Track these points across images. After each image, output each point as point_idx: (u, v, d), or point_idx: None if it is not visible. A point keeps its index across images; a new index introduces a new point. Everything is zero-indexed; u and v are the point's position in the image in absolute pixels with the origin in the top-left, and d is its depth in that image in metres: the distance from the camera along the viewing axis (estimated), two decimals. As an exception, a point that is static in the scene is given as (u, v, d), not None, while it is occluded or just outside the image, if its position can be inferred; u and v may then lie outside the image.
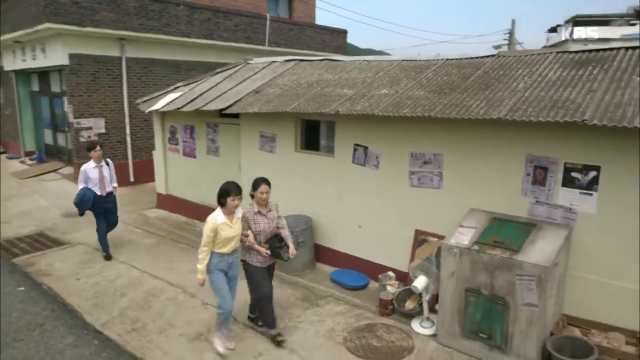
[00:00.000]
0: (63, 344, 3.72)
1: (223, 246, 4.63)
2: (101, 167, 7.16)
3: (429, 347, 4.98)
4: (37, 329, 4.45)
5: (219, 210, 4.64)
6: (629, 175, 4.35)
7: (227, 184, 4.69)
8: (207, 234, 4.54)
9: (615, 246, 4.50)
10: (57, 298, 5.85)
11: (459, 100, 5.16)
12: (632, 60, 4.95)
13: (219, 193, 4.63)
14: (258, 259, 4.92)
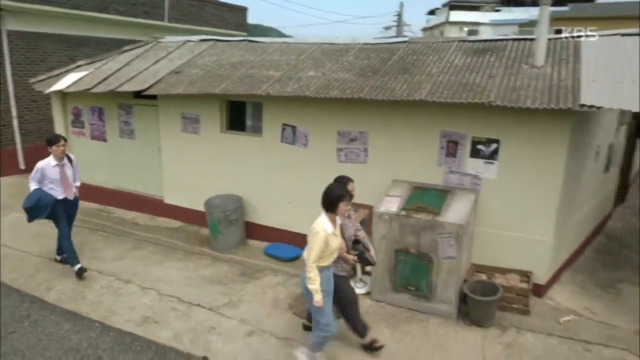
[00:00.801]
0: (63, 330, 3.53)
1: (328, 259, 3.98)
2: (63, 166, 6.09)
3: (364, 303, 5.59)
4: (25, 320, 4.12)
5: (325, 218, 3.98)
6: (521, 147, 5.31)
7: (338, 187, 4.08)
8: (320, 246, 3.85)
9: (511, 205, 5.48)
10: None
11: (382, 83, 5.74)
12: (519, 50, 5.93)
13: (329, 197, 3.97)
14: (343, 267, 4.41)
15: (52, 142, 6.01)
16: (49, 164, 6.01)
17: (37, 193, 5.93)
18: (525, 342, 4.78)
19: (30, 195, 5.95)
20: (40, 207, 5.92)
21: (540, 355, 4.58)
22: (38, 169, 5.98)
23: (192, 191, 7.71)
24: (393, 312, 5.38)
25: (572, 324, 5.12)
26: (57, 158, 6.03)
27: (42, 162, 6.02)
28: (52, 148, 5.99)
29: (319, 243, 3.84)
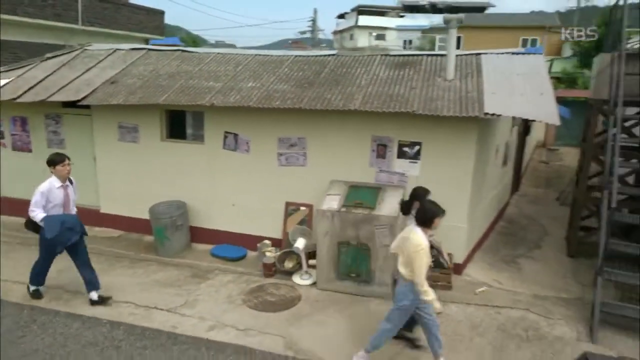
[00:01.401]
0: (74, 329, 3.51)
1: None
2: (67, 187, 5.56)
3: (312, 293, 6.23)
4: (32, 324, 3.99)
5: (421, 232, 4.19)
6: (439, 148, 6.25)
7: (433, 205, 4.36)
8: (426, 261, 4.09)
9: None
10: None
11: (319, 94, 6.39)
12: (433, 65, 6.90)
13: (427, 214, 4.23)
14: None
15: (57, 161, 5.45)
16: (53, 186, 5.42)
17: (55, 217, 5.40)
18: (449, 312, 5.70)
19: (48, 224, 5.32)
20: (69, 228, 5.43)
21: (462, 320, 5.53)
22: (43, 192, 5.36)
23: (133, 200, 7.80)
24: (339, 298, 6.06)
25: (485, 293, 6.18)
26: (62, 179, 5.48)
27: (44, 184, 5.41)
28: (55, 168, 5.43)
29: (425, 257, 4.09)
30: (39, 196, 5.34)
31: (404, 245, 4.31)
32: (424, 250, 4.09)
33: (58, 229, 5.30)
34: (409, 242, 4.20)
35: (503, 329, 5.40)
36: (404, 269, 4.31)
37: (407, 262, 4.26)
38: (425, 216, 4.23)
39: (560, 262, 7.40)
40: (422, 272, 4.08)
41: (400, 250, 4.43)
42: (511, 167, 9.97)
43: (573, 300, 6.07)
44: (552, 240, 8.39)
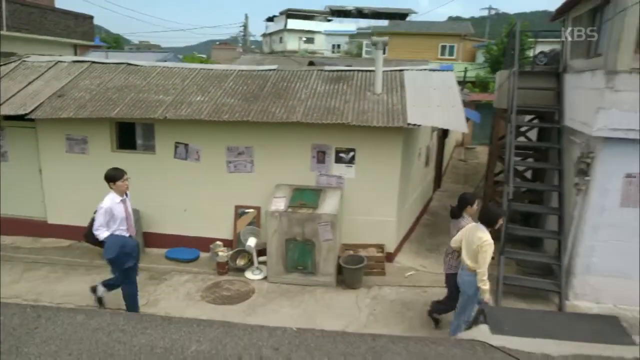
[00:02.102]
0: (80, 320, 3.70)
1: None
2: (125, 201, 5.56)
3: (263, 286, 6.94)
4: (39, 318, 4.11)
5: (486, 230, 4.88)
6: (371, 153, 7.21)
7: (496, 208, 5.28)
8: (491, 255, 4.76)
9: (366, 196, 7.35)
10: None
11: (264, 107, 7.11)
12: (364, 80, 7.85)
13: (493, 215, 4.93)
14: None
15: (117, 177, 5.46)
16: (114, 202, 5.42)
17: (117, 239, 5.39)
18: (384, 294, 6.68)
19: (109, 245, 5.34)
20: (127, 254, 5.44)
21: (395, 299, 6.52)
22: (106, 209, 5.34)
23: (83, 209, 7.93)
24: (288, 289, 6.82)
25: (413, 276, 7.23)
26: (120, 193, 5.52)
27: (106, 202, 5.39)
28: (115, 184, 5.45)
29: (490, 251, 4.76)
30: (102, 216, 5.36)
31: (470, 241, 4.97)
32: (491, 245, 4.76)
33: (117, 251, 5.35)
34: (477, 238, 4.85)
35: (428, 304, 6.43)
36: (470, 262, 4.99)
37: (473, 255, 4.93)
38: (492, 217, 4.96)
39: (474, 247, 8.66)
40: (487, 264, 4.78)
41: (464, 245, 5.11)
42: (433, 167, 11.26)
43: (483, 278, 7.27)
44: (468, 229, 9.70)
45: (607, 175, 6.09)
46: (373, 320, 6.03)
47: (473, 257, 4.93)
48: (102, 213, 5.35)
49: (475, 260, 4.89)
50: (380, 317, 6.12)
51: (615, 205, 6.12)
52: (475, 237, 4.87)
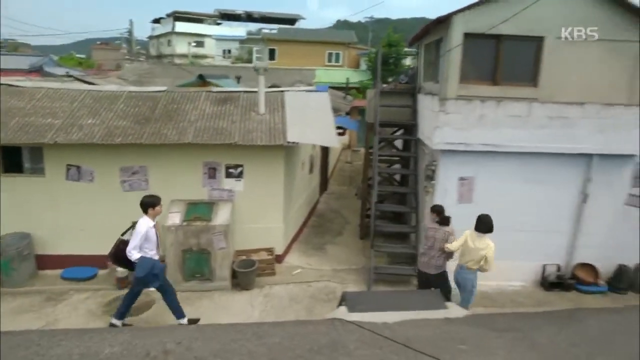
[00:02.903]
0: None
1: None
2: (155, 226, 6.01)
3: (164, 295, 7.47)
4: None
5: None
6: (257, 168, 8.08)
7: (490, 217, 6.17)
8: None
9: (255, 206, 8.21)
10: None
11: (156, 129, 7.64)
12: (249, 100, 8.70)
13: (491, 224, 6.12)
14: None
15: (156, 203, 5.99)
16: (148, 226, 5.87)
17: (149, 261, 5.84)
18: (275, 292, 7.61)
19: (141, 264, 5.76)
20: (155, 275, 5.87)
21: (284, 295, 7.49)
22: (143, 233, 5.78)
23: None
24: (187, 296, 7.43)
25: (300, 274, 8.26)
26: (154, 218, 5.98)
27: (142, 227, 5.81)
28: (154, 209, 5.96)
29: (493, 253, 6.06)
30: (138, 239, 5.79)
31: (476, 247, 6.14)
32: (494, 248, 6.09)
33: (147, 271, 5.78)
34: (484, 244, 6.11)
35: (312, 296, 7.51)
36: (472, 263, 6.22)
37: (478, 258, 6.13)
38: (491, 225, 6.16)
39: (355, 243, 9.99)
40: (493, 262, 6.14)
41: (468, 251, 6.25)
42: (318, 173, 12.47)
43: (360, 269, 8.55)
44: (351, 228, 11.05)
45: (446, 179, 7.65)
46: (265, 316, 6.92)
47: (478, 260, 6.17)
48: (139, 237, 5.82)
49: (478, 262, 6.17)
50: (272, 312, 7.04)
51: (454, 202, 7.70)
52: (483, 244, 6.12)
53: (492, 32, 7.26)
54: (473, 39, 7.35)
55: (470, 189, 7.68)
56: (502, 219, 7.72)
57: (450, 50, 7.26)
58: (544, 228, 7.95)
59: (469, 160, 7.51)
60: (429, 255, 6.59)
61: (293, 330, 4.25)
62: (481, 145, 7.35)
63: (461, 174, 7.62)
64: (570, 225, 8.07)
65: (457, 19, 7.23)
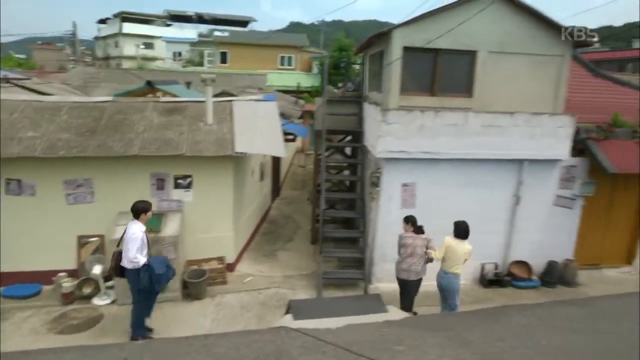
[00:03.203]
0: None
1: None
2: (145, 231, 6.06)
3: (112, 310, 7.40)
4: None
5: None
6: (206, 178, 8.14)
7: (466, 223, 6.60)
8: None
9: (205, 216, 8.26)
10: None
11: (102, 141, 7.55)
12: (197, 111, 8.73)
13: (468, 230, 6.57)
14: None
15: (147, 208, 6.09)
16: (142, 231, 5.93)
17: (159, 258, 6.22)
18: (226, 300, 7.71)
19: (156, 262, 5.98)
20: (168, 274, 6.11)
21: (235, 304, 7.60)
22: (141, 237, 5.85)
23: None
24: (137, 308, 7.40)
25: (251, 281, 8.39)
26: (145, 223, 6.06)
27: (137, 231, 5.85)
28: (146, 214, 6.06)
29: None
30: (139, 242, 5.84)
31: (460, 252, 6.52)
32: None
33: (165, 266, 6.05)
34: (465, 248, 6.53)
35: (263, 303, 7.66)
36: (456, 267, 6.58)
37: (461, 261, 6.56)
38: (468, 230, 6.58)
39: (306, 249, 10.21)
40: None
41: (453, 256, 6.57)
42: (269, 179, 12.61)
43: (310, 275, 8.78)
44: (302, 233, 11.26)
45: (390, 185, 8.02)
46: (216, 325, 7.01)
47: (461, 264, 6.60)
48: (139, 241, 5.87)
49: (461, 266, 6.62)
50: (223, 321, 7.13)
51: (397, 207, 8.08)
52: (464, 249, 6.55)
53: (430, 46, 7.69)
54: (412, 52, 7.76)
55: (413, 195, 8.08)
56: (443, 222, 8.17)
57: (391, 63, 7.63)
58: (482, 229, 8.42)
59: (411, 167, 7.90)
60: (409, 262, 6.82)
61: (240, 340, 4.40)
62: (422, 153, 7.75)
63: (404, 180, 8.01)
64: (505, 225, 8.65)
65: (396, 34, 7.61)
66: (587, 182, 8.76)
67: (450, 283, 6.72)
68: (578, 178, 8.73)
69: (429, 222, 8.18)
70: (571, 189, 8.77)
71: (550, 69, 8.10)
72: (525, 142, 8.02)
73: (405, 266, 6.85)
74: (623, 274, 9.59)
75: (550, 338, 4.82)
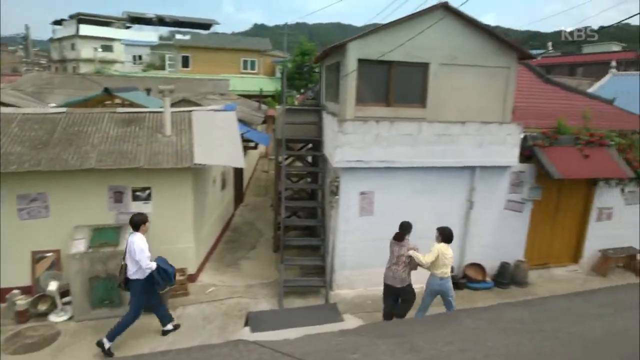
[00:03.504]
0: None
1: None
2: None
3: (70, 326, 7.27)
4: None
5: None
6: (166, 190, 8.11)
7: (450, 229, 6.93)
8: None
9: (165, 228, 8.22)
10: None
11: (55, 154, 7.41)
12: (155, 121, 8.68)
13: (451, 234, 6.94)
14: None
15: (145, 220, 6.67)
16: (144, 241, 6.49)
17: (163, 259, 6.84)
18: (188, 312, 7.70)
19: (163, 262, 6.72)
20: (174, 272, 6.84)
21: (197, 315, 7.61)
22: (147, 247, 6.46)
23: None
24: (96, 325, 7.29)
25: (213, 292, 8.41)
26: (144, 234, 6.61)
27: (142, 241, 6.44)
28: (146, 225, 6.66)
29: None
30: (147, 251, 6.46)
31: (448, 255, 6.82)
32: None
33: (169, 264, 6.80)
34: (449, 253, 6.83)
35: (225, 314, 7.70)
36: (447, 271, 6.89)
37: (449, 265, 6.85)
38: (452, 235, 6.96)
39: (269, 257, 10.29)
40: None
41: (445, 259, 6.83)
42: (232, 187, 12.61)
43: (272, 283, 8.88)
44: (265, 240, 11.33)
45: (348, 194, 8.22)
46: (178, 338, 7.00)
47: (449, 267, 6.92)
48: (146, 250, 6.48)
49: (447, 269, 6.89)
50: (185, 333, 7.13)
51: (356, 215, 8.29)
52: (449, 253, 6.85)
53: (384, 59, 7.95)
54: (367, 64, 8.00)
55: (371, 202, 8.31)
56: (399, 229, 8.40)
57: (347, 75, 7.83)
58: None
59: (368, 176, 8.13)
60: (393, 270, 7.00)
61: (198, 355, 4.45)
62: (378, 162, 7.99)
63: (362, 189, 8.23)
64: (460, 229, 8.99)
65: (351, 46, 7.83)
66: (535, 187, 9.24)
67: (447, 287, 7.00)
68: (526, 183, 9.20)
69: (387, 229, 8.43)
70: (520, 193, 9.23)
71: (498, 80, 8.51)
72: (476, 150, 8.39)
73: (390, 273, 7.07)
74: (570, 273, 10.15)
75: (497, 340, 5.13)
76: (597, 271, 10.11)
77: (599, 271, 10.07)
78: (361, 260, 8.47)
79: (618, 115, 13.91)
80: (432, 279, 7.00)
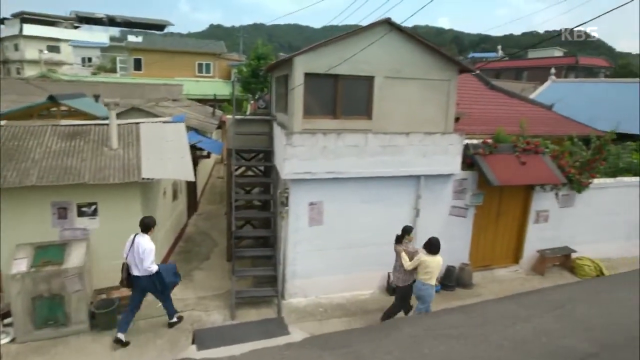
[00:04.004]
0: None
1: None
2: None
3: (12, 349, 7.05)
4: None
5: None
6: (113, 204, 7.99)
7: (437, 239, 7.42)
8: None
9: (112, 243, 8.06)
10: None
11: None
12: (101, 134, 8.52)
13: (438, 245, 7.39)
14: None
15: (154, 223, 7.17)
16: (152, 243, 7.00)
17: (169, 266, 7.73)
18: (138, 327, 7.61)
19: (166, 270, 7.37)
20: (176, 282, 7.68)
21: (147, 330, 7.54)
22: (154, 249, 7.01)
23: None
24: (40, 345, 7.11)
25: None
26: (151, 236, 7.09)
27: (150, 243, 6.96)
28: (154, 228, 7.15)
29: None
30: (153, 254, 7.01)
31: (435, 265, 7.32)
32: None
33: (173, 274, 7.50)
34: (434, 263, 7.31)
35: (176, 328, 7.67)
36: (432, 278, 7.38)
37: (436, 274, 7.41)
38: (440, 246, 7.41)
39: (222, 267, 10.28)
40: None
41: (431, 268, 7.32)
42: (184, 197, 12.49)
43: (225, 294, 8.90)
44: (219, 250, 11.30)
45: (298, 205, 8.37)
46: (127, 355, 6.94)
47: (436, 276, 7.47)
48: (153, 252, 7.02)
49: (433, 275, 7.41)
50: (134, 350, 7.07)
51: (305, 225, 8.46)
52: (437, 262, 7.39)
53: (331, 72, 8.15)
54: (314, 77, 8.17)
55: (320, 212, 8.50)
56: (349, 236, 8.70)
57: (294, 89, 7.98)
58: (386, 241, 9.05)
59: (317, 187, 8.31)
60: (396, 270, 7.81)
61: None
62: (326, 173, 8.19)
63: (311, 199, 8.40)
64: (407, 236, 9.33)
65: (298, 60, 7.98)
66: (477, 193, 9.71)
67: (429, 294, 7.49)
68: (469, 190, 9.65)
69: (336, 238, 8.67)
70: (464, 199, 9.67)
71: (440, 92, 8.89)
72: (421, 160, 8.74)
73: (395, 273, 7.84)
74: (511, 273, 10.72)
75: (433, 347, 5.42)
76: (536, 270, 10.73)
77: (538, 270, 10.70)
78: (312, 269, 8.65)
79: (557, 121, 14.80)
80: (417, 282, 7.56)
